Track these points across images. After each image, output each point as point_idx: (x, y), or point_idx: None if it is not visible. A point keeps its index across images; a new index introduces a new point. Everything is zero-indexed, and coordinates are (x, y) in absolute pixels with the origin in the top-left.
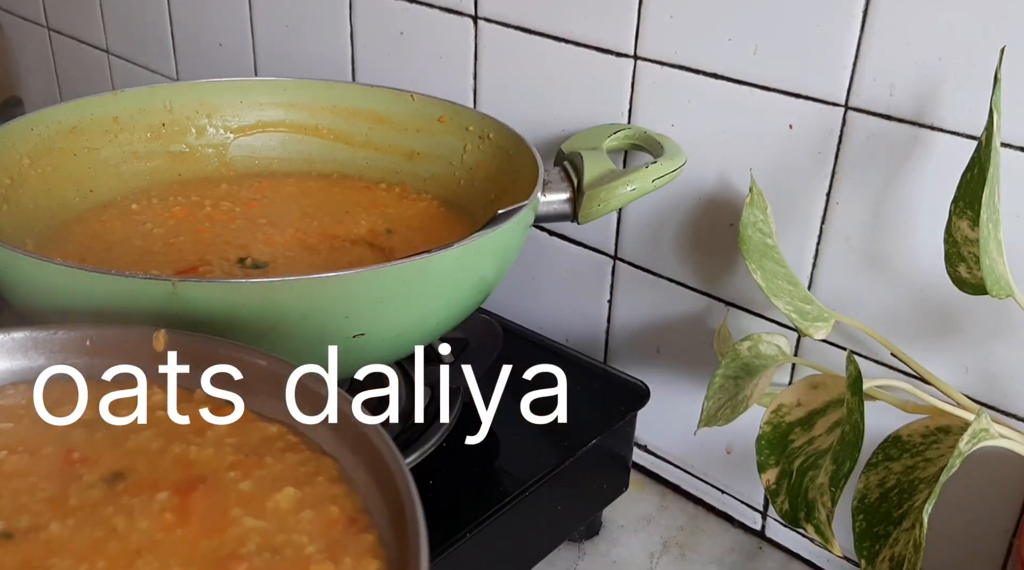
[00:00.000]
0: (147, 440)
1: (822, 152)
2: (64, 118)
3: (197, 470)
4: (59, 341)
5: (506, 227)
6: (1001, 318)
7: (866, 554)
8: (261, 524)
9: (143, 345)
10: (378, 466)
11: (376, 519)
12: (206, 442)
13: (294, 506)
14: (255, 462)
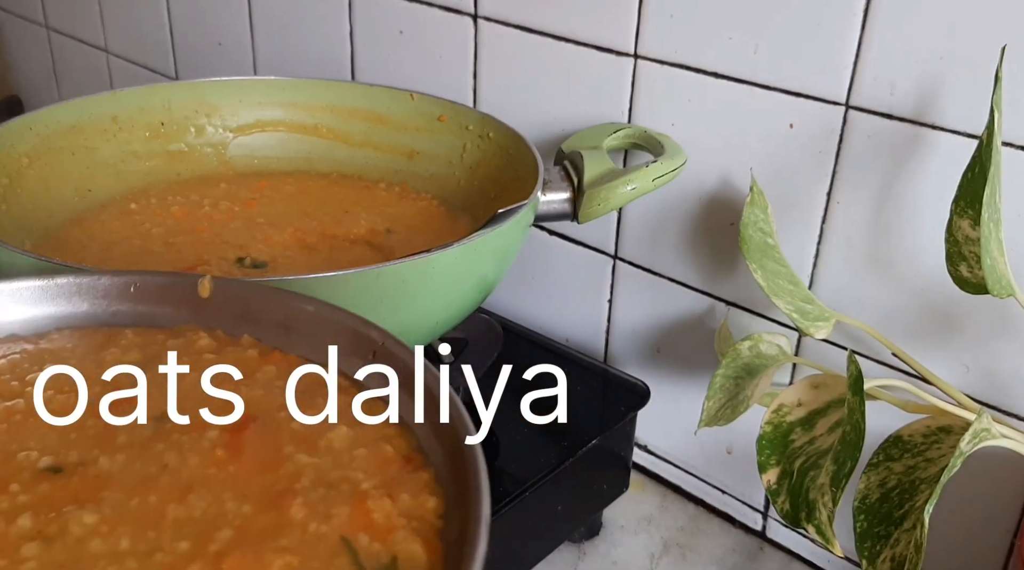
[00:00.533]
0: (195, 381)
1: (823, 151)
2: (63, 117)
3: (248, 410)
4: (103, 287)
5: (506, 227)
6: (1002, 318)
7: (867, 554)
8: (315, 460)
9: (189, 292)
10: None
11: (431, 459)
12: (255, 384)
13: (348, 445)
14: (307, 403)
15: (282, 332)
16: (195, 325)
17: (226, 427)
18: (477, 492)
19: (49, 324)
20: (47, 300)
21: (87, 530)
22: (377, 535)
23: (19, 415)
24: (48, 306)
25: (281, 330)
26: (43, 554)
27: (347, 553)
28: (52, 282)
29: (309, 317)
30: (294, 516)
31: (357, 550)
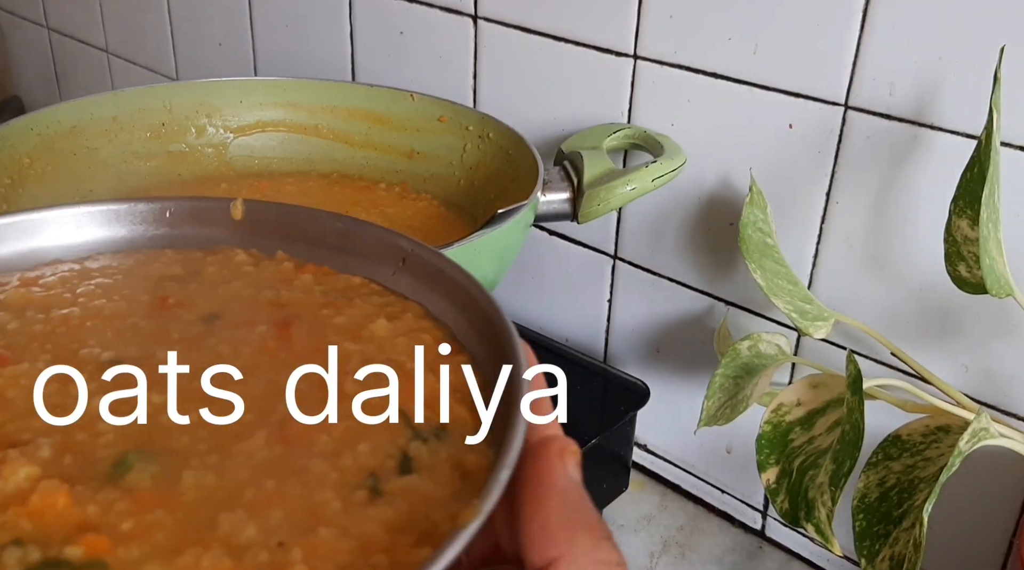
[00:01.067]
0: (238, 288)
1: (822, 151)
2: (64, 118)
3: (291, 310)
4: (140, 212)
5: (506, 227)
6: (1001, 317)
7: (866, 553)
8: (360, 347)
9: (222, 214)
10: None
11: (467, 346)
12: (295, 289)
13: (388, 334)
14: (345, 303)
15: (313, 248)
16: (230, 245)
17: (273, 323)
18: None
19: (89, 249)
20: (86, 227)
21: (155, 408)
22: (426, 404)
23: (75, 320)
24: (88, 233)
25: (312, 246)
26: (118, 428)
27: (400, 417)
28: (90, 210)
29: (338, 232)
30: (347, 390)
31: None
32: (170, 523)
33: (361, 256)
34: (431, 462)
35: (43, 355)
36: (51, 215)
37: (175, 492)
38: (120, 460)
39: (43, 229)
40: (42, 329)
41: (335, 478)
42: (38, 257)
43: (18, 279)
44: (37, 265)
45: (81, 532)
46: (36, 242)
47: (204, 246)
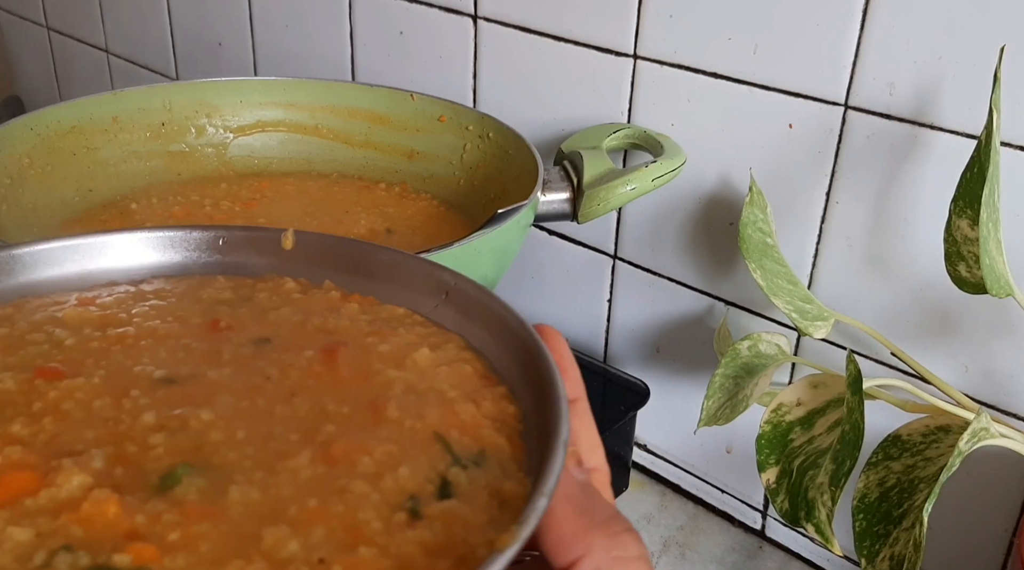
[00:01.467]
0: (287, 314)
1: (822, 151)
2: (64, 118)
3: (338, 336)
4: (194, 240)
5: (506, 227)
6: (1001, 317)
7: (866, 553)
8: (403, 375)
9: (273, 244)
10: (502, 329)
11: (506, 378)
12: (341, 317)
13: (431, 363)
14: (389, 332)
15: (359, 278)
16: (279, 274)
17: (320, 348)
18: (554, 390)
19: (144, 273)
20: (142, 251)
21: (205, 424)
22: (466, 431)
23: (130, 339)
24: (144, 257)
25: (358, 277)
26: (168, 442)
27: (440, 444)
28: (146, 235)
29: (384, 264)
30: (390, 415)
31: (449, 442)
32: (215, 535)
33: (405, 288)
34: (469, 488)
35: (98, 371)
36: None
37: (221, 506)
38: (169, 473)
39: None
40: (98, 346)
41: (376, 499)
42: (95, 279)
43: (76, 299)
44: (94, 286)
45: (129, 540)
46: (93, 264)
47: (254, 274)
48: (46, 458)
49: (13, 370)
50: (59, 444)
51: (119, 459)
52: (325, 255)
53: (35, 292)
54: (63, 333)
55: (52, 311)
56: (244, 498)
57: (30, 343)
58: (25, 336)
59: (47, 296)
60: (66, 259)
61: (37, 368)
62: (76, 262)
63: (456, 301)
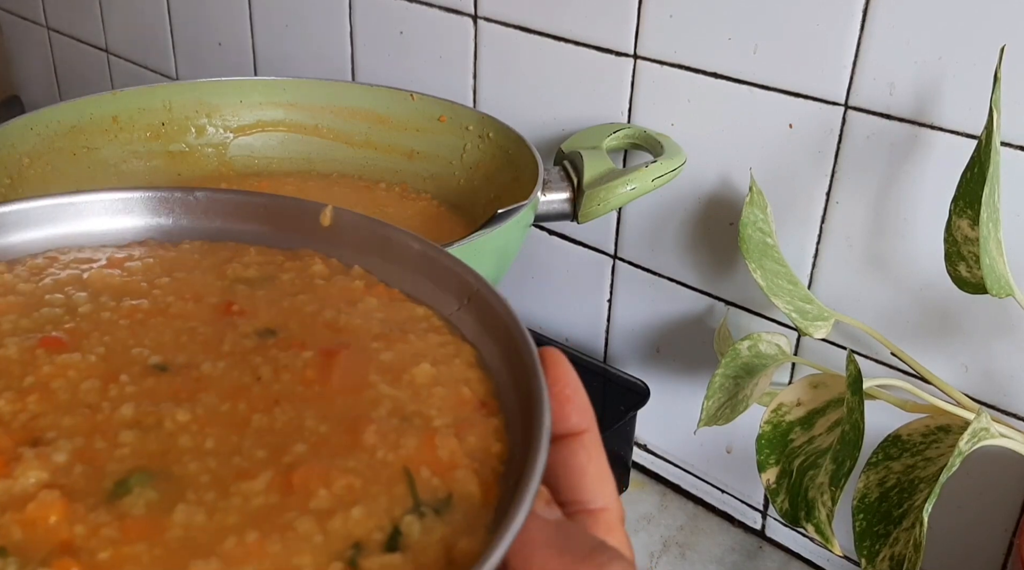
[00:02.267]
0: (302, 303)
1: (822, 151)
2: (64, 118)
3: (344, 336)
4: (234, 204)
5: (506, 227)
6: (1001, 317)
7: (866, 553)
8: (395, 392)
9: (312, 219)
10: (513, 354)
11: (506, 406)
12: (355, 312)
13: (428, 381)
14: (398, 337)
15: (390, 266)
16: (313, 250)
17: (320, 350)
18: (536, 443)
19: (184, 234)
20: (184, 212)
21: (179, 426)
22: (438, 470)
23: (141, 314)
24: (185, 218)
25: (389, 264)
26: (137, 441)
27: (406, 483)
28: (191, 196)
29: (414, 255)
30: (366, 441)
31: (416, 481)
32: (146, 561)
33: (433, 283)
34: (421, 541)
35: (98, 347)
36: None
37: (162, 525)
38: (124, 479)
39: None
40: (108, 317)
41: (318, 542)
42: (134, 235)
43: (106, 258)
44: (131, 243)
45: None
46: (134, 221)
47: (289, 247)
48: (16, 443)
49: (21, 334)
50: (34, 427)
51: (83, 455)
52: (360, 236)
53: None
54: (81, 297)
55: (81, 269)
56: (187, 520)
57: (47, 304)
58: (45, 296)
59: (84, 249)
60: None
61: (42, 337)
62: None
63: (476, 308)
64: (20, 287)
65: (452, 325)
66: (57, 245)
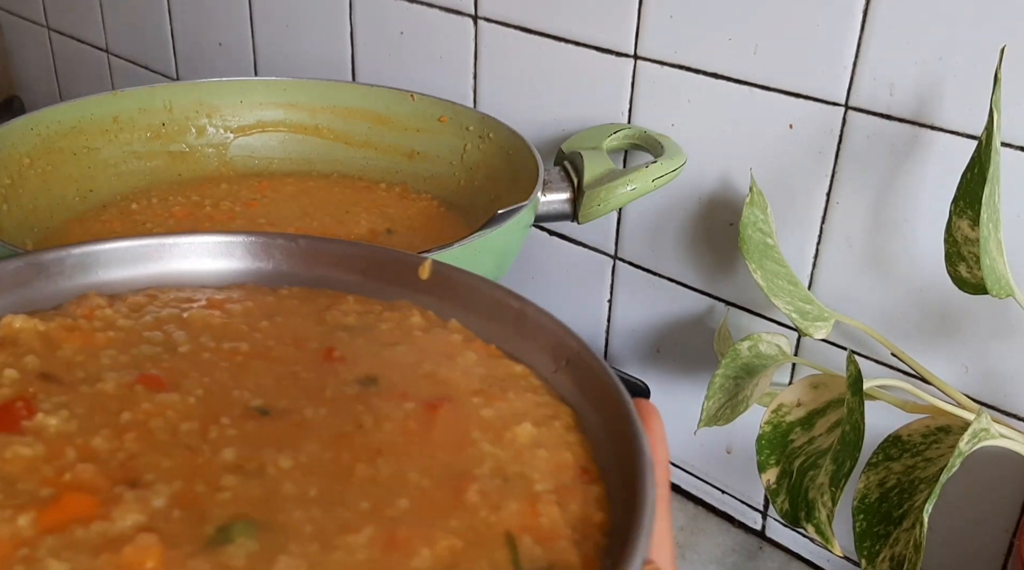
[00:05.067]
0: (402, 353)
1: (822, 152)
2: (64, 118)
3: (445, 389)
4: (337, 254)
5: (506, 227)
6: (1001, 318)
7: (866, 554)
8: (497, 451)
9: (411, 272)
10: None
11: (607, 474)
12: (455, 367)
13: (530, 442)
14: (499, 394)
15: (486, 321)
16: (410, 302)
17: (422, 401)
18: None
19: (283, 279)
20: (284, 257)
21: (282, 473)
22: (540, 538)
23: (241, 357)
24: (285, 264)
25: (486, 320)
26: (239, 486)
27: (508, 549)
28: (293, 242)
29: (513, 313)
30: (468, 500)
31: (518, 548)
32: None
33: (532, 343)
34: None
35: (197, 389)
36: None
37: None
38: (227, 526)
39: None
40: (208, 359)
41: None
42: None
43: (207, 299)
44: (231, 286)
45: None
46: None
47: (386, 297)
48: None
49: (120, 370)
50: (132, 468)
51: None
52: (458, 291)
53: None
54: (180, 336)
55: (181, 308)
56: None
57: (146, 342)
58: (144, 333)
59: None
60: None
61: (141, 374)
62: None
63: (575, 370)
64: (120, 323)
65: (550, 385)
66: (157, 283)
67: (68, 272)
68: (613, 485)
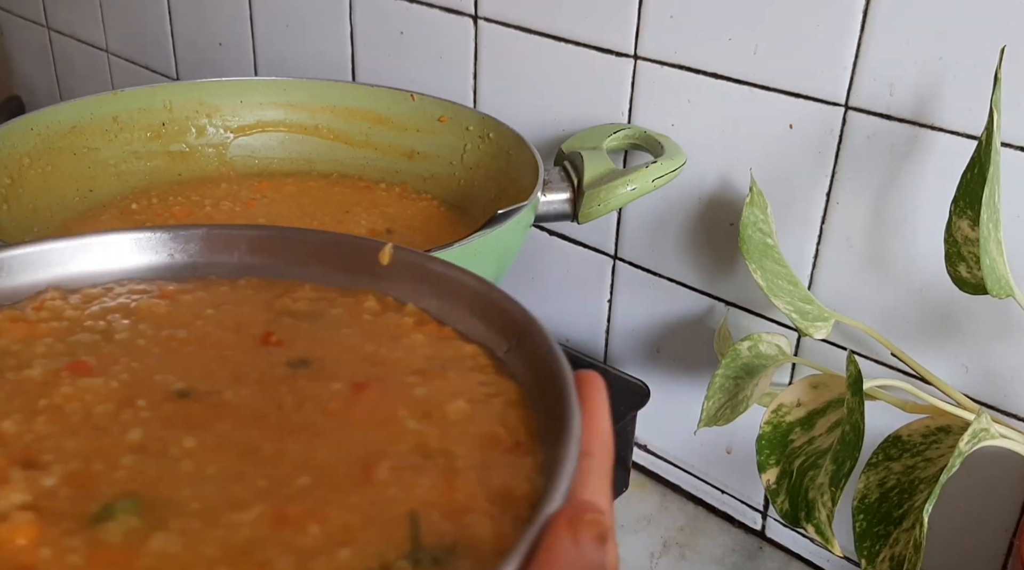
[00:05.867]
0: (345, 336)
1: (822, 152)
2: (64, 118)
3: (379, 371)
4: (294, 241)
5: (506, 227)
6: (1001, 318)
7: (866, 554)
8: (422, 428)
9: (371, 257)
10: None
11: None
12: (398, 347)
13: (461, 419)
14: (439, 373)
15: (446, 304)
16: (370, 288)
17: (350, 382)
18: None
19: (245, 270)
20: (251, 251)
21: (184, 452)
22: (449, 514)
23: (176, 343)
24: (251, 256)
25: (446, 302)
26: (136, 464)
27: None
28: (255, 233)
29: (471, 294)
30: (377, 477)
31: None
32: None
33: (487, 323)
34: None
35: (123, 374)
36: (220, 233)
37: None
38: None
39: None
40: (142, 345)
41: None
42: (192, 272)
43: (159, 289)
44: (191, 278)
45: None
46: (200, 257)
47: (350, 286)
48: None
49: (52, 357)
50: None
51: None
52: (417, 274)
53: (135, 276)
54: (122, 325)
55: (132, 299)
56: (162, 549)
57: (86, 330)
58: (86, 323)
59: (143, 282)
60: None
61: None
62: (179, 254)
63: (525, 347)
64: (67, 313)
65: (501, 364)
66: (117, 278)
67: (28, 269)
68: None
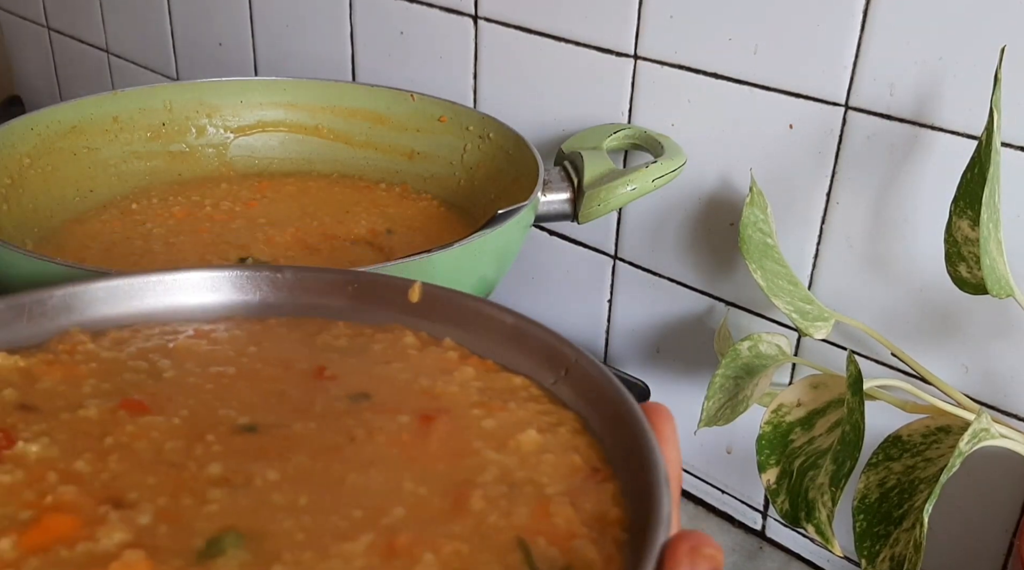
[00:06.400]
0: (396, 371)
1: (822, 152)
2: (64, 118)
3: (441, 403)
4: (324, 282)
5: (506, 227)
6: (1001, 318)
7: (866, 554)
8: (502, 458)
9: (400, 294)
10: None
11: (620, 472)
12: (451, 381)
13: (536, 448)
14: (499, 405)
15: (481, 339)
16: (402, 325)
17: (417, 414)
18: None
19: (270, 311)
20: (274, 290)
21: (269, 484)
22: (555, 539)
23: (227, 379)
24: (272, 295)
25: (480, 337)
26: (226, 498)
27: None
28: (277, 274)
29: (508, 329)
30: (472, 506)
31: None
32: None
33: (527, 355)
34: None
35: (182, 410)
36: (249, 276)
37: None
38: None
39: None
40: (193, 382)
41: None
42: (218, 312)
43: (193, 330)
44: (218, 319)
45: None
46: (224, 297)
47: (378, 322)
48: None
49: (102, 397)
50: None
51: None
52: (450, 311)
53: (161, 319)
54: (165, 364)
55: (166, 340)
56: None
57: (130, 370)
58: (128, 363)
59: (171, 323)
60: (197, 288)
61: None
62: (205, 293)
63: (574, 378)
64: (103, 355)
65: (552, 394)
66: (140, 321)
67: (50, 313)
68: (626, 482)
